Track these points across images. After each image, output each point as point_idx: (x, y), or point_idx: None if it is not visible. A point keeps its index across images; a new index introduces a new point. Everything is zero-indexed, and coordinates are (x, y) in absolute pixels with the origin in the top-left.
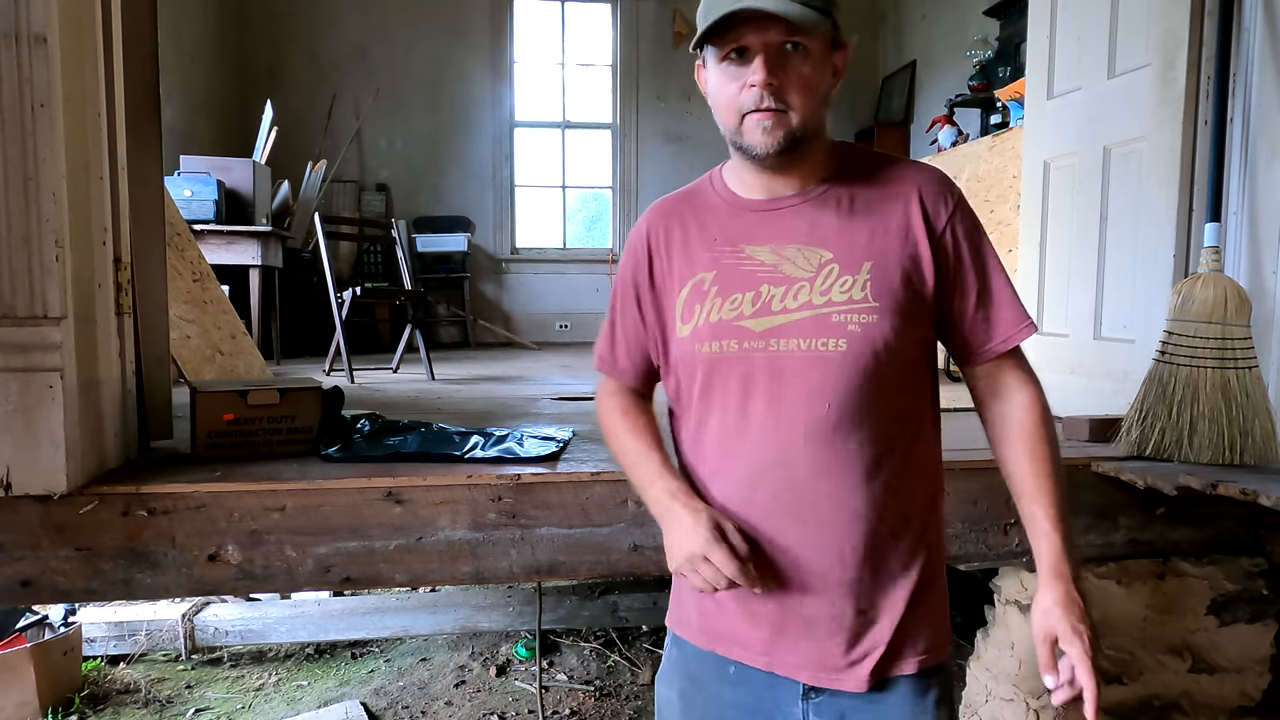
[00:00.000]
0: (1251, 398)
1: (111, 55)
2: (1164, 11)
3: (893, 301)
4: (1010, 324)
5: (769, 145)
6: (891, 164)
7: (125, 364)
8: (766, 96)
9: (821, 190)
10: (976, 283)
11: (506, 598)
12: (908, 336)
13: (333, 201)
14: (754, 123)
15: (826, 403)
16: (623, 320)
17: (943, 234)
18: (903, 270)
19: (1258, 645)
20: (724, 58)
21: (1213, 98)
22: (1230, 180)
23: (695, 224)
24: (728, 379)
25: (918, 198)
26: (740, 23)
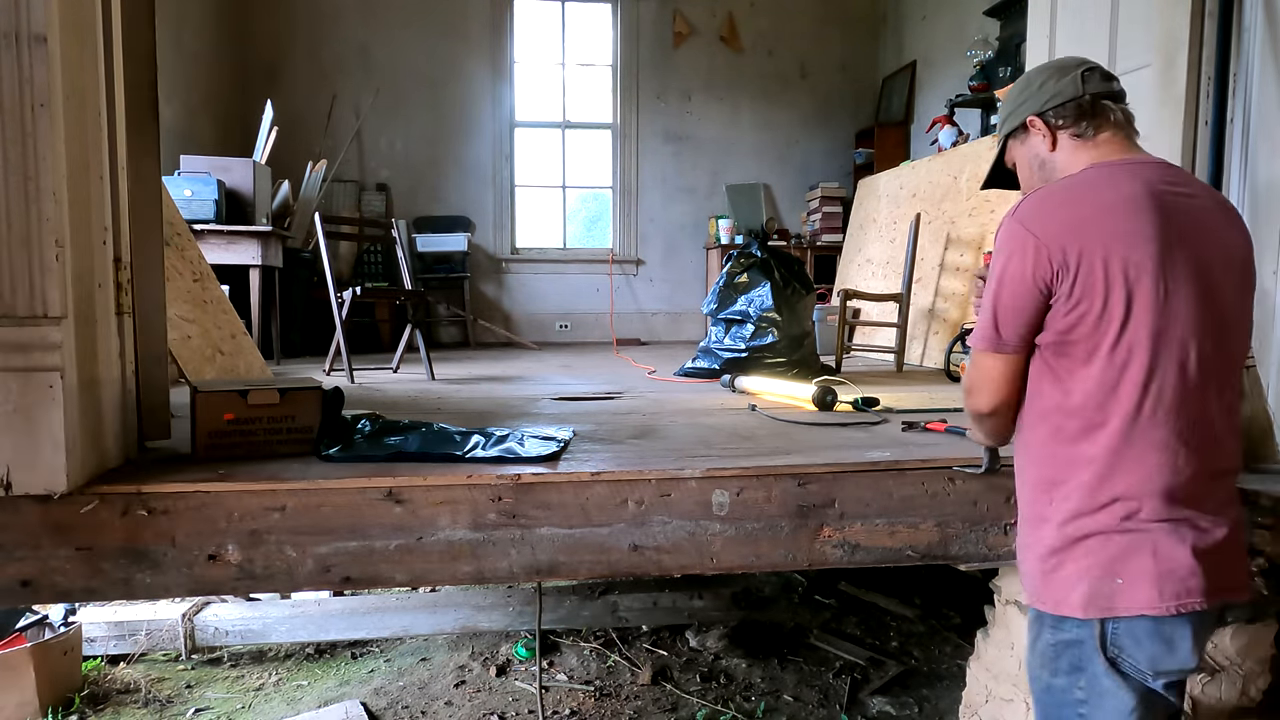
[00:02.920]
0: (1249, 397)
1: (111, 55)
2: (1164, 11)
3: None
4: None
5: None
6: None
7: (125, 364)
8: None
9: None
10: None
11: (506, 598)
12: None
13: (333, 201)
14: None
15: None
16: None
17: None
18: None
19: (1258, 645)
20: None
21: (1213, 98)
22: (1230, 180)
23: None
24: None
25: None
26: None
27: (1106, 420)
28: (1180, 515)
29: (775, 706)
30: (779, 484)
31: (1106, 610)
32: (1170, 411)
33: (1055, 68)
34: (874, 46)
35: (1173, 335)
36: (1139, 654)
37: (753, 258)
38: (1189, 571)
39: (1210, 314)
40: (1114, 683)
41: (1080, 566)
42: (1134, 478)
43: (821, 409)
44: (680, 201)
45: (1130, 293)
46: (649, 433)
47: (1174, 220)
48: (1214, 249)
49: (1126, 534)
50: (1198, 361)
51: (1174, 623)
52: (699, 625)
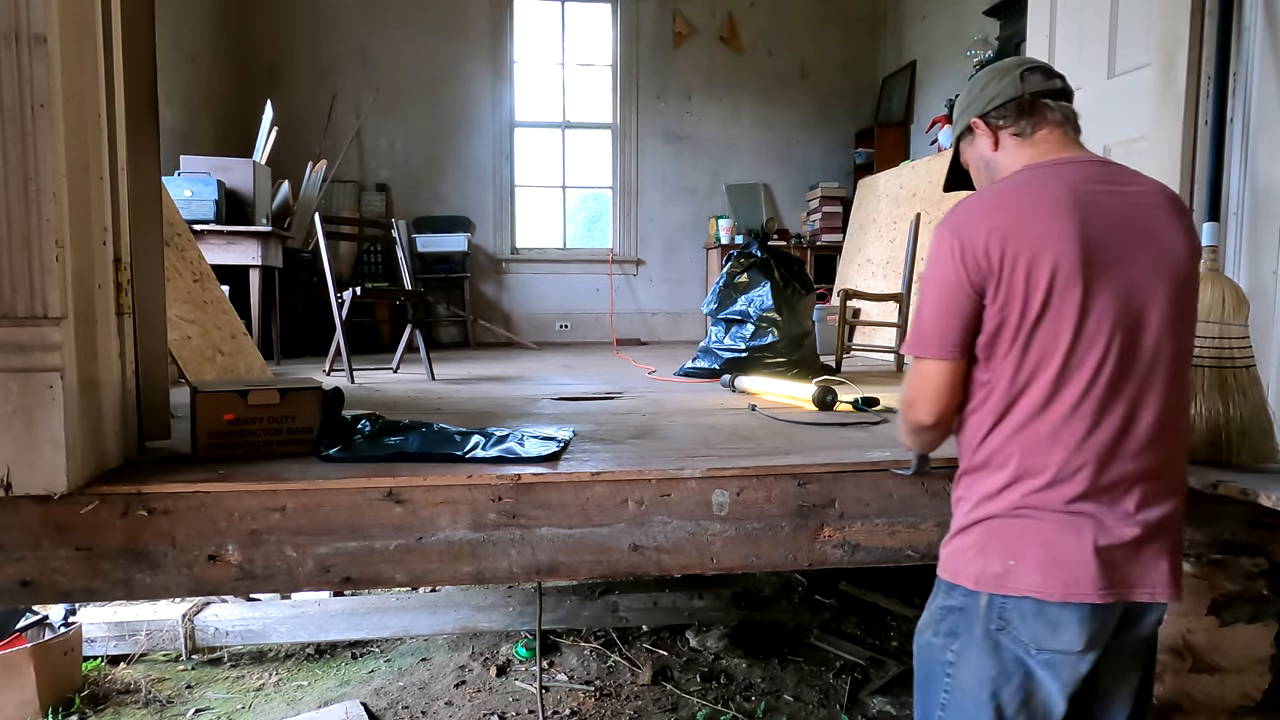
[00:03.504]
0: (1249, 397)
1: (111, 55)
2: (1164, 11)
3: None
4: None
5: None
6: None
7: (125, 364)
8: None
9: None
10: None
11: (506, 598)
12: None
13: (333, 201)
14: None
15: None
16: None
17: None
18: None
19: (1258, 645)
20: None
21: (1213, 98)
22: (1230, 180)
23: None
24: None
25: None
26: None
27: (1015, 414)
28: (1083, 509)
29: (775, 706)
30: (779, 484)
31: (997, 587)
32: (1080, 410)
33: (997, 69)
34: (874, 46)
35: (1092, 336)
36: (1022, 629)
37: (753, 258)
38: (1081, 564)
39: (1138, 315)
40: (983, 651)
41: (979, 544)
42: (1038, 470)
43: (821, 409)
44: (680, 201)
45: (1050, 294)
46: (649, 433)
47: (1098, 220)
48: (1147, 248)
49: (1023, 519)
50: (1119, 362)
51: (1061, 608)
52: (699, 625)
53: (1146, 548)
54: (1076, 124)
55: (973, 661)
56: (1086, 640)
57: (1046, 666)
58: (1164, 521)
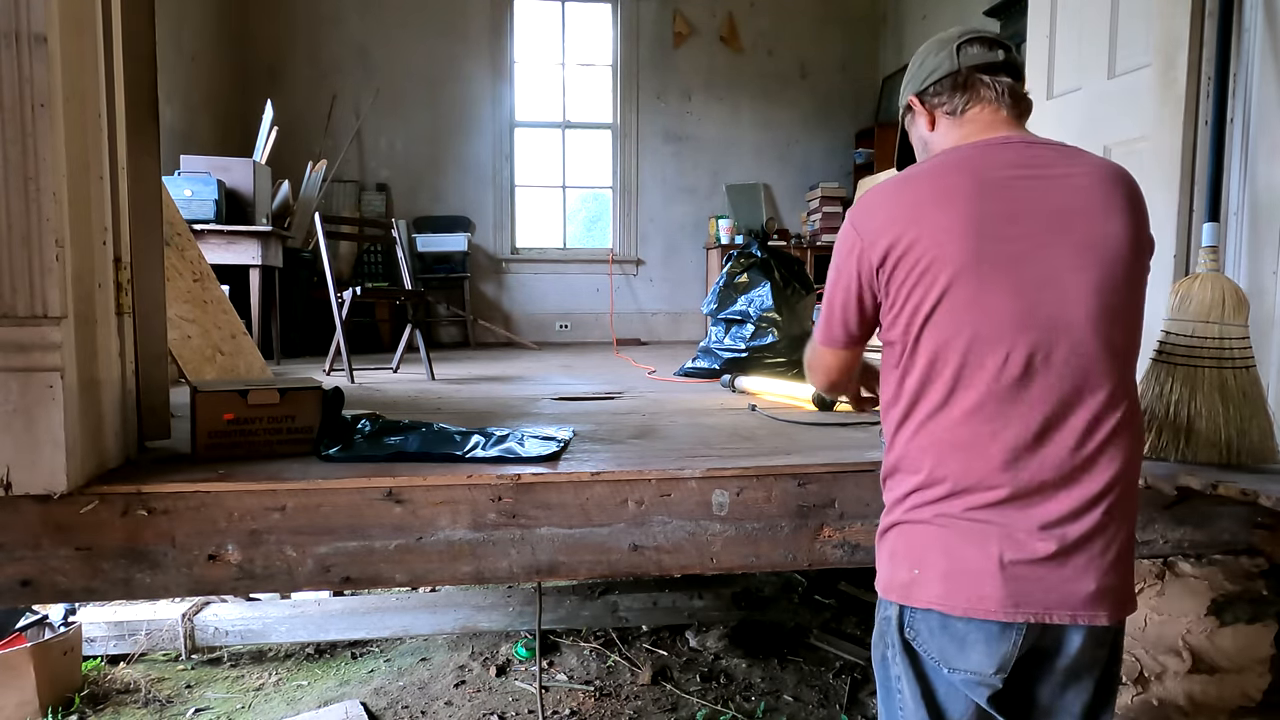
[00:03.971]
0: (1249, 397)
1: (111, 55)
2: (1164, 11)
3: None
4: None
5: None
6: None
7: (125, 364)
8: None
9: None
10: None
11: (506, 598)
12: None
13: (333, 201)
14: None
15: None
16: None
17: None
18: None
19: (1258, 645)
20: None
21: (1213, 98)
22: (1230, 180)
23: None
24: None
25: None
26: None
27: (917, 415)
28: (989, 518)
29: (775, 706)
30: (779, 484)
31: (904, 597)
32: (981, 413)
33: (937, 40)
34: (874, 46)
35: (990, 335)
36: (931, 643)
37: (753, 258)
38: (986, 577)
39: (1051, 310)
40: (907, 664)
41: (889, 550)
42: (941, 474)
43: (821, 409)
44: (680, 201)
45: (941, 290)
46: (649, 433)
47: (1000, 209)
48: (1067, 237)
49: (927, 525)
50: (1026, 362)
51: (966, 624)
52: (699, 625)
53: (1067, 564)
54: (1018, 99)
55: (906, 678)
56: (998, 663)
57: (967, 687)
58: (1092, 535)
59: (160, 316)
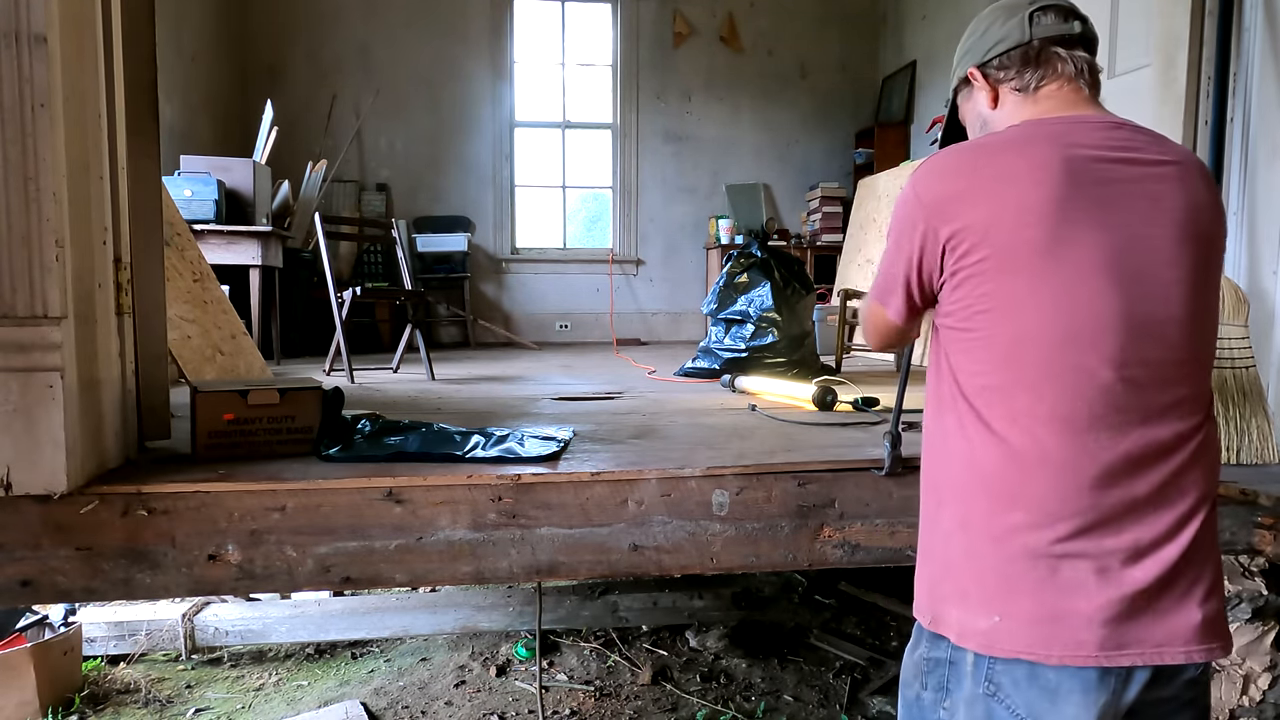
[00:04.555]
0: (1249, 397)
1: (111, 55)
2: (1164, 11)
3: None
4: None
5: None
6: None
7: (125, 364)
8: None
9: None
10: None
11: (506, 598)
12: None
13: (333, 201)
14: None
15: None
16: None
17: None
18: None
19: (1258, 645)
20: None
21: (1213, 98)
22: (1230, 180)
23: None
24: None
25: None
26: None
27: (993, 425)
28: (1082, 551)
29: (775, 706)
30: (779, 484)
31: (984, 646)
32: (1071, 425)
33: (1004, 7)
34: (874, 46)
35: (1081, 331)
36: (1017, 697)
37: (753, 258)
38: (1082, 619)
39: (1143, 306)
40: (978, 714)
41: (959, 588)
42: (1025, 498)
43: (821, 409)
44: (680, 201)
45: (1015, 279)
46: (649, 433)
47: (1093, 194)
48: (1162, 227)
49: (1011, 562)
50: (1117, 364)
51: (1059, 672)
52: (699, 625)
53: (1168, 591)
54: (1095, 78)
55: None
56: (1098, 713)
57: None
58: (1190, 558)
59: (160, 316)
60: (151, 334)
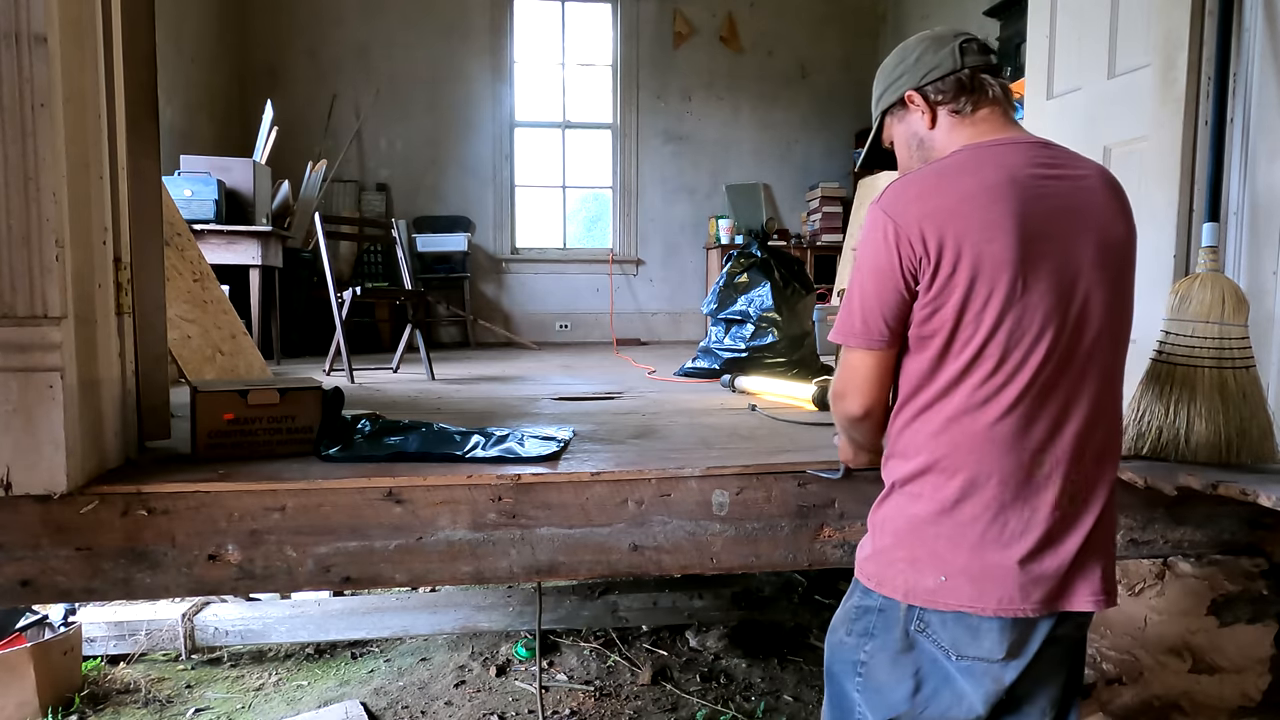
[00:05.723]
0: (1249, 397)
1: (111, 55)
2: (1164, 11)
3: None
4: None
5: None
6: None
7: (125, 364)
8: None
9: None
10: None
11: (506, 598)
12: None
13: (333, 201)
14: None
15: None
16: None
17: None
18: None
19: (1258, 645)
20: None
21: (1213, 98)
22: (1230, 180)
23: None
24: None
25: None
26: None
27: (945, 412)
28: (1015, 516)
29: (775, 706)
30: (779, 484)
31: (929, 602)
32: (1016, 411)
33: (931, 38)
34: (874, 46)
35: (1027, 330)
36: (944, 634)
37: (753, 258)
38: (1011, 576)
39: (1075, 306)
40: (899, 652)
41: (910, 555)
42: (968, 473)
43: (821, 409)
44: (680, 201)
45: (984, 288)
46: (649, 433)
47: (1038, 208)
48: (1088, 235)
49: (952, 527)
50: (1056, 356)
51: (986, 618)
52: (699, 625)
53: (1078, 555)
54: (1012, 102)
55: (888, 663)
56: (1008, 648)
57: (966, 673)
58: (1096, 526)
59: (160, 316)
60: (151, 334)
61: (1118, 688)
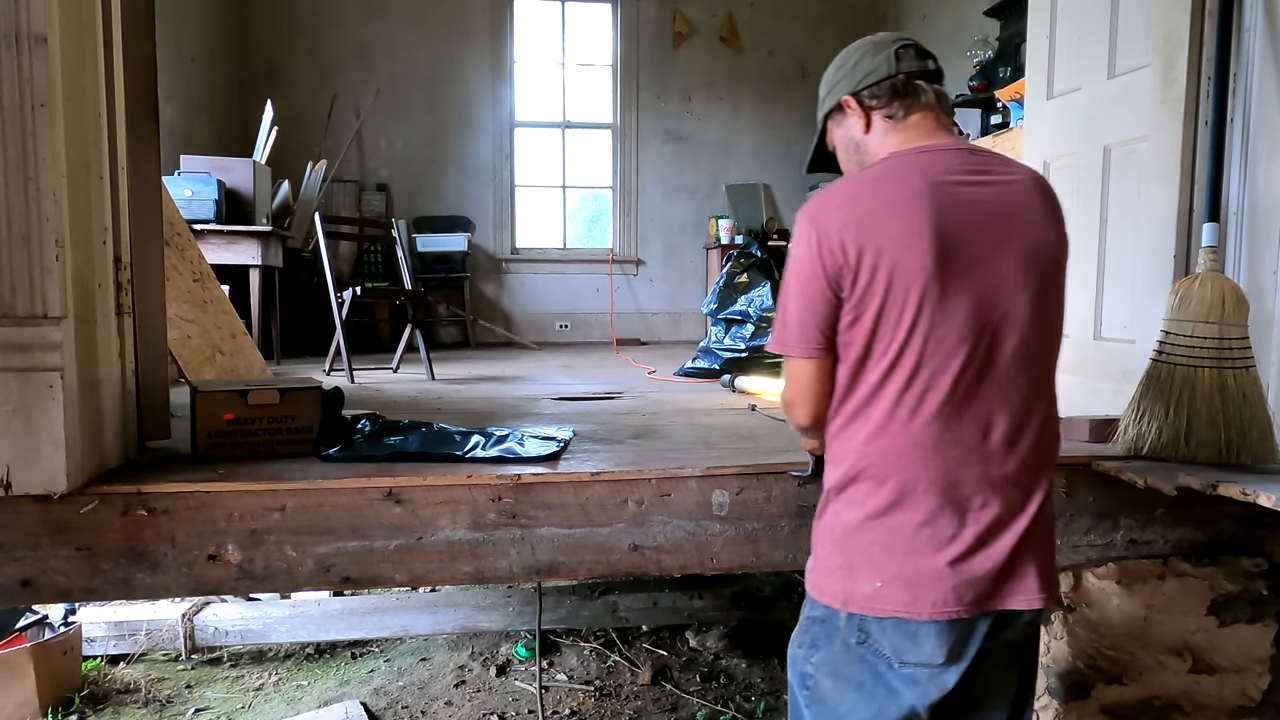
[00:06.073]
0: (1249, 398)
1: (111, 55)
2: (1164, 11)
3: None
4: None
5: None
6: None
7: (125, 364)
8: None
9: None
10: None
11: (506, 598)
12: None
13: (333, 201)
14: None
15: None
16: None
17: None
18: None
19: (1258, 645)
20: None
21: (1213, 98)
22: (1230, 180)
23: None
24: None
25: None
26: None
27: (872, 419)
28: (945, 521)
29: (775, 706)
30: (779, 484)
31: (866, 609)
32: (939, 417)
33: (870, 44)
34: None
35: (945, 338)
36: (884, 642)
37: (753, 258)
38: (944, 580)
39: (1001, 314)
40: (843, 664)
41: (846, 563)
42: (898, 480)
43: None
44: (680, 201)
45: (900, 296)
46: (649, 433)
47: (958, 215)
48: (1013, 241)
49: (884, 534)
50: (977, 362)
51: (923, 623)
52: (699, 625)
53: (1012, 556)
54: (949, 107)
55: (831, 675)
56: (948, 652)
57: (909, 682)
58: (1030, 527)
59: (160, 316)
60: (151, 334)
61: (1118, 688)
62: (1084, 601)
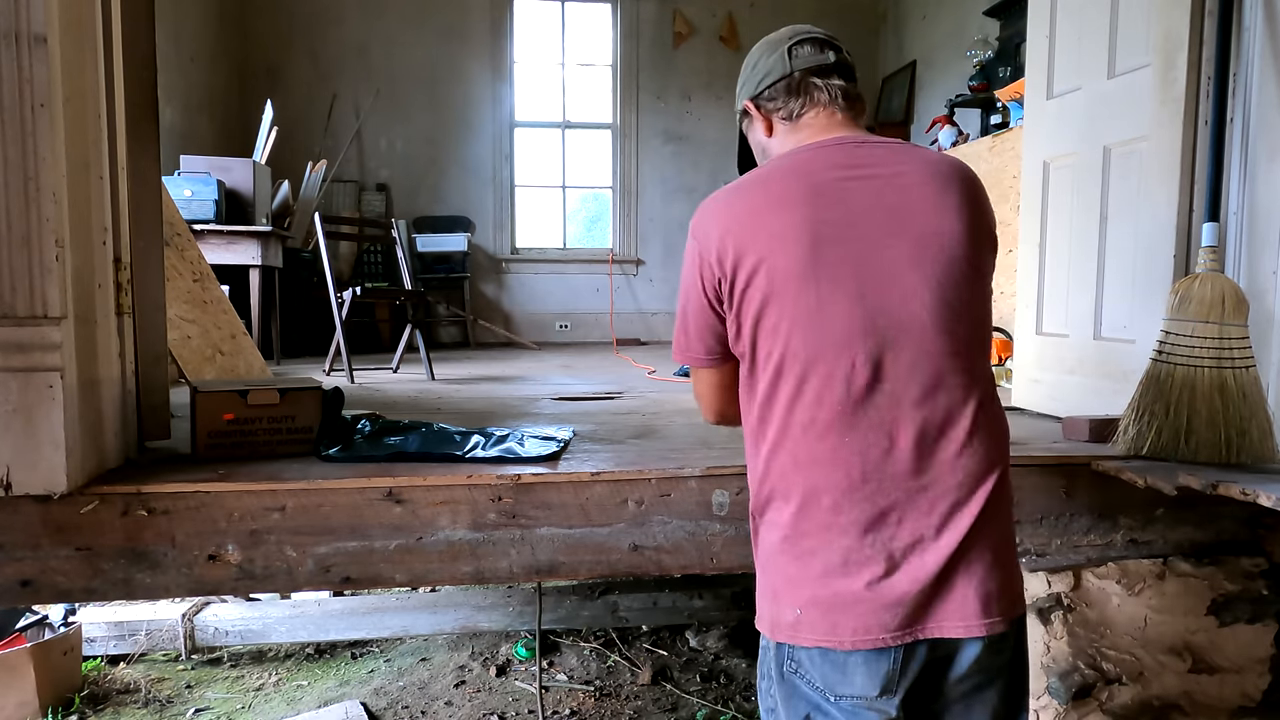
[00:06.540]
0: (1249, 397)
1: (111, 55)
2: (1164, 11)
3: None
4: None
5: None
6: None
7: (125, 364)
8: None
9: None
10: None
11: (506, 598)
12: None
13: (333, 201)
14: None
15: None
16: None
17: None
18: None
19: (1258, 645)
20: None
21: (1213, 98)
22: (1230, 180)
23: None
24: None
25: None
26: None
27: (769, 435)
28: (858, 541)
29: None
30: None
31: (790, 638)
32: (836, 427)
33: (766, 44)
34: (874, 46)
35: (829, 341)
36: (814, 673)
37: None
38: (865, 605)
39: (888, 311)
40: (788, 694)
41: (771, 588)
42: (802, 495)
43: None
44: (680, 201)
45: (776, 302)
46: (649, 432)
47: (835, 213)
48: (902, 234)
49: (798, 556)
50: (872, 365)
51: (847, 653)
52: (699, 625)
53: (940, 577)
54: (852, 100)
55: (786, 705)
56: (882, 684)
57: (851, 715)
58: (964, 544)
59: (160, 316)
60: (151, 334)
61: (1118, 688)
62: (1084, 601)
